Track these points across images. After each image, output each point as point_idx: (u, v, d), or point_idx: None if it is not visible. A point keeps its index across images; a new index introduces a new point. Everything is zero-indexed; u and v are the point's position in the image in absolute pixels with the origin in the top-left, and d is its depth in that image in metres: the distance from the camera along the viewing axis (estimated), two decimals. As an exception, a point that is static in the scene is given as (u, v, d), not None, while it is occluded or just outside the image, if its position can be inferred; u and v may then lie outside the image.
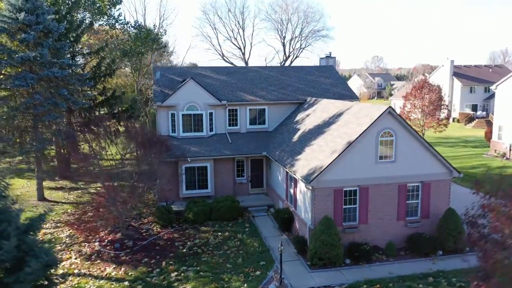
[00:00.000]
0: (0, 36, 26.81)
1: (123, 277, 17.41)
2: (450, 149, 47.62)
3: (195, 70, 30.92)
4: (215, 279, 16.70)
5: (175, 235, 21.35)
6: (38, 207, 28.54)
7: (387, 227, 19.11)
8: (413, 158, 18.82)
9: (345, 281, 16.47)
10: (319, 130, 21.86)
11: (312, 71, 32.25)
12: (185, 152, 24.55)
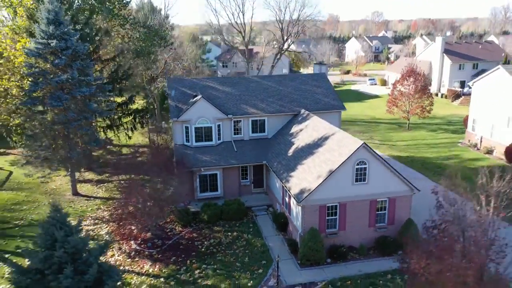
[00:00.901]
0: (36, 60, 30.96)
1: (158, 273, 23.06)
2: (431, 135, 52.58)
3: (203, 82, 35.15)
4: (228, 276, 22.36)
5: (194, 235, 26.88)
6: (74, 202, 33.97)
7: (360, 232, 24.58)
8: (382, 180, 23.94)
9: (325, 277, 22.13)
10: (309, 150, 26.78)
11: (306, 79, 36.61)
12: (198, 162, 29.61)
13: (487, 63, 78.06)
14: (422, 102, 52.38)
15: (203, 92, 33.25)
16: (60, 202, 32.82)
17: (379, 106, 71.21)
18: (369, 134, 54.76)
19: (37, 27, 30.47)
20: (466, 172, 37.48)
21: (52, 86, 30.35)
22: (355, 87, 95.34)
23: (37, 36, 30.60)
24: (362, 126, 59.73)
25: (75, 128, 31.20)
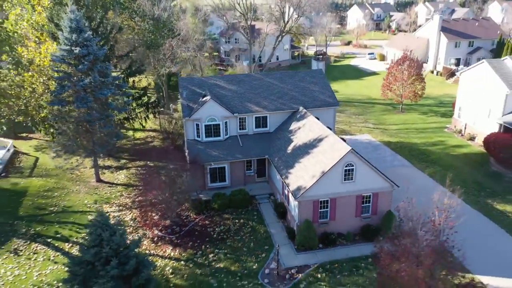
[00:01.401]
0: (61, 65, 34.45)
1: (178, 257, 27.77)
2: (422, 118, 56.34)
3: (211, 80, 38.67)
4: (237, 260, 27.05)
5: (206, 222, 31.45)
6: (99, 188, 38.40)
7: (348, 221, 29.05)
8: (367, 179, 28.13)
9: (317, 261, 26.79)
10: (305, 150, 30.82)
11: (305, 76, 40.04)
12: (209, 157, 33.78)
13: (483, 41, 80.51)
14: (415, 87, 55.68)
15: (211, 90, 36.91)
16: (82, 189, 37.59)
17: (376, 85, 74.22)
18: (364, 116, 58.51)
19: (61, 35, 33.73)
20: (447, 160, 41.85)
21: (77, 89, 33.99)
22: (354, 62, 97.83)
23: (61, 43, 33.96)
24: (358, 108, 63.37)
25: (98, 125, 35.12)
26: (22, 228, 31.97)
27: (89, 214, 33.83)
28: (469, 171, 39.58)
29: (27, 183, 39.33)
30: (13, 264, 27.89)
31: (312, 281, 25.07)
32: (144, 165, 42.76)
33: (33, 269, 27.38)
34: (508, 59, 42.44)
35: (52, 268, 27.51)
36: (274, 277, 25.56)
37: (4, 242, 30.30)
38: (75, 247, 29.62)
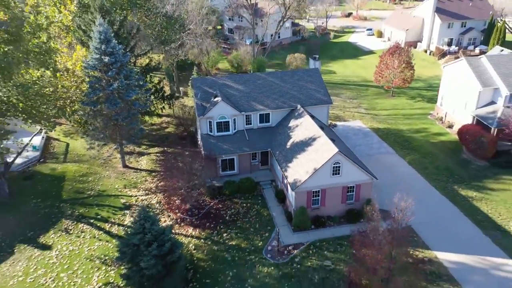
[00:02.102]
0: (92, 71, 40.03)
1: (199, 236, 34.71)
2: (409, 103, 62.02)
3: (221, 81, 44.24)
4: (246, 239, 33.98)
5: (219, 206, 38.20)
6: (125, 173, 44.93)
7: (335, 207, 35.74)
8: (351, 173, 34.52)
9: (309, 239, 33.68)
10: (301, 147, 36.97)
11: (303, 75, 45.54)
12: (221, 150, 40.09)
13: (475, 21, 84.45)
14: (404, 75, 60.93)
15: (221, 90, 42.66)
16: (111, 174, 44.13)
17: (372, 65, 78.58)
18: (358, 100, 64.17)
19: (91, 45, 39.11)
20: (427, 147, 48.13)
21: (106, 92, 39.77)
22: (353, 39, 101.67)
23: (91, 52, 39.38)
24: (353, 91, 68.86)
25: (125, 123, 41.20)
26: (67, 210, 38.85)
27: (121, 197, 40.64)
28: (443, 158, 45.92)
29: (63, 168, 45.92)
30: (66, 241, 34.95)
31: (305, 256, 32.08)
32: (162, 151, 49.17)
33: (83, 245, 34.45)
34: (484, 58, 47.65)
35: (98, 244, 34.56)
36: (275, 252, 32.57)
37: (56, 222, 37.26)
38: (113, 227, 36.58)
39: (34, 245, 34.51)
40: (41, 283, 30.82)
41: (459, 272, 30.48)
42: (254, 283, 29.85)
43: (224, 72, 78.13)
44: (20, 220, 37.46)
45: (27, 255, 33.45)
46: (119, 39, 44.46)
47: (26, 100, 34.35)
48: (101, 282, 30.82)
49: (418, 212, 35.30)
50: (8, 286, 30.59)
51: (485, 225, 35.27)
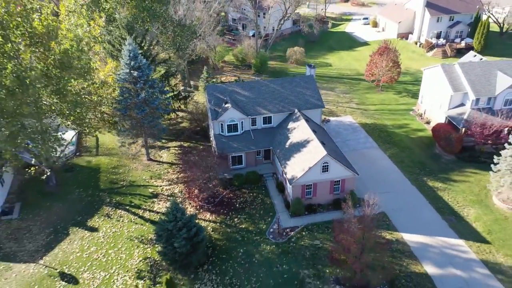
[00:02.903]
0: (123, 83, 47.72)
1: (215, 220, 43.46)
2: (395, 99, 69.65)
3: (230, 87, 51.91)
4: (253, 223, 42.74)
5: (231, 195, 46.79)
6: (150, 166, 53.34)
7: (324, 196, 44.30)
8: (337, 171, 42.87)
9: (303, 223, 42.43)
10: (297, 148, 45.14)
11: (300, 82, 53.15)
12: (231, 149, 48.34)
13: (462, 15, 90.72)
14: (391, 73, 68.30)
15: (231, 96, 50.47)
16: (138, 167, 52.46)
17: (365, 57, 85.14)
18: (350, 95, 71.82)
19: (122, 61, 46.72)
20: (406, 142, 56.22)
21: (136, 100, 47.66)
22: (350, 28, 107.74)
23: (122, 67, 47.00)
24: (346, 85, 76.33)
25: (150, 125, 49.30)
26: (106, 198, 47.53)
27: (148, 187, 49.23)
28: (418, 152, 54.18)
29: (97, 161, 54.35)
30: (109, 224, 43.78)
31: (299, 237, 40.89)
32: (179, 145, 57.43)
33: (123, 228, 43.29)
34: (456, 65, 55.01)
35: (135, 227, 43.39)
36: (275, 234, 41.38)
37: (98, 209, 46.01)
38: (145, 213, 45.27)
39: (84, 228, 43.39)
40: (94, 257, 39.80)
41: (419, 250, 39.32)
42: (260, 258, 38.79)
43: (230, 65, 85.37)
44: (68, 207, 46.21)
45: (80, 236, 42.37)
46: (141, 49, 51.98)
47: (75, 112, 42.30)
48: (141, 257, 39.78)
49: (392, 200, 44.45)
50: (69, 260, 39.59)
51: (444, 211, 43.91)
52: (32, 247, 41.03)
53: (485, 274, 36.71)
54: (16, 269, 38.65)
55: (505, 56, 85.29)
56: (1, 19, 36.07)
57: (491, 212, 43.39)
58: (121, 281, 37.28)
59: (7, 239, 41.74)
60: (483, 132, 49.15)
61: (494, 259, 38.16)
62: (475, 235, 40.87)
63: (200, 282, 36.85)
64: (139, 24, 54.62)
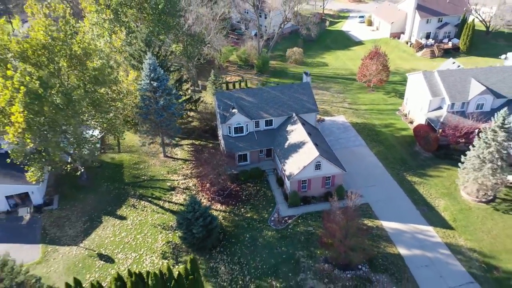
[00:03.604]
0: (144, 92, 55.15)
1: (225, 210, 51.51)
2: (384, 99, 76.97)
3: (236, 94, 59.32)
4: (256, 212, 50.80)
5: (237, 188, 54.72)
6: (167, 162, 61.18)
7: (317, 189, 52.23)
8: (328, 168, 50.69)
9: (299, 212, 50.45)
10: (294, 148, 52.88)
11: (297, 89, 60.52)
12: (238, 148, 56.10)
13: (450, 17, 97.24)
14: (381, 76, 75.50)
15: (237, 102, 57.96)
16: (156, 163, 60.31)
17: (359, 57, 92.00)
18: (344, 95, 79.12)
19: (143, 73, 54.09)
20: (391, 140, 63.87)
21: (155, 107, 55.21)
22: (346, 27, 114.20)
23: (143, 78, 54.40)
24: (341, 85, 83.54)
25: (167, 128, 57.00)
26: (131, 191, 55.52)
27: (166, 181, 57.14)
28: (400, 150, 61.87)
29: (119, 157, 62.18)
30: (135, 213, 51.85)
31: (296, 224, 48.94)
32: (191, 143, 65.15)
33: (147, 216, 51.37)
34: (436, 73, 62.23)
35: (157, 216, 51.45)
36: (276, 222, 49.43)
37: (125, 200, 54.02)
38: (165, 203, 53.25)
39: (114, 216, 51.49)
40: (126, 241, 47.98)
41: (394, 235, 47.39)
42: (263, 242, 46.92)
43: (234, 65, 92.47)
44: (99, 199, 54.25)
45: (112, 223, 50.49)
46: (157, 59, 59.27)
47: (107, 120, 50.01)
48: (164, 241, 47.92)
49: (375, 193, 52.34)
50: (105, 243, 47.77)
51: (419, 202, 51.85)
52: (73, 232, 49.21)
53: (447, 254, 44.83)
54: (61, 251, 46.87)
55: (489, 56, 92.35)
56: (48, 45, 43.42)
57: (458, 203, 51.34)
58: (149, 261, 45.48)
59: (51, 226, 49.90)
60: (455, 134, 56.72)
61: (456, 242, 46.26)
62: (442, 222, 48.89)
63: (214, 261, 45.03)
64: (156, 37, 61.70)
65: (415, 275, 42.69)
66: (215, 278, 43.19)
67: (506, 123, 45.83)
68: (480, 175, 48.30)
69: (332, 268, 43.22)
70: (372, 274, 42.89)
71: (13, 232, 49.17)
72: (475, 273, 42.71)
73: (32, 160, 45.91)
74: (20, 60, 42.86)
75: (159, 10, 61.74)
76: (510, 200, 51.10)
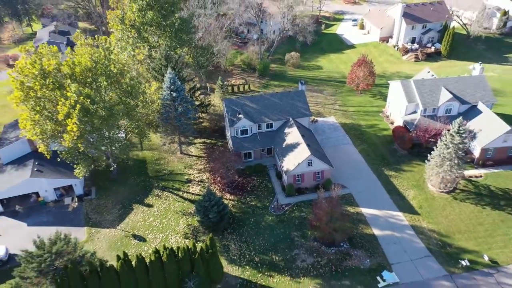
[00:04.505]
0: (165, 101, 65.82)
1: (233, 199, 62.78)
2: (370, 101, 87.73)
3: (241, 101, 70.11)
4: (260, 201, 62.12)
5: (243, 181, 65.91)
6: (183, 158, 72.32)
7: (310, 182, 63.42)
8: (318, 165, 61.80)
9: (294, 201, 61.76)
10: (291, 148, 63.93)
11: (294, 96, 71.31)
12: (244, 148, 67.20)
13: (434, 23, 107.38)
14: (367, 81, 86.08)
15: (242, 108, 68.79)
16: (174, 159, 71.54)
17: (351, 60, 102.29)
18: (335, 97, 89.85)
19: (164, 84, 64.87)
20: (373, 139, 74.98)
21: (175, 114, 66.09)
22: (340, 30, 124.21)
23: (164, 89, 65.15)
24: (333, 87, 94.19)
25: (184, 130, 68.03)
26: (155, 183, 66.75)
27: (184, 175, 68.33)
28: (381, 148, 72.93)
29: (143, 154, 73.27)
30: (160, 202, 63.18)
31: (291, 210, 60.29)
32: (203, 142, 76.19)
33: (170, 204, 62.70)
34: (411, 82, 72.90)
35: (178, 204, 62.76)
36: (275, 208, 60.79)
37: (150, 191, 65.28)
38: (184, 194, 64.53)
39: (142, 204, 62.81)
40: (154, 224, 59.36)
41: (371, 219, 58.74)
42: (265, 225, 58.31)
43: (238, 68, 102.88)
44: (129, 190, 65.51)
45: (141, 210, 61.84)
46: (174, 71, 69.99)
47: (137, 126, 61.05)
48: (185, 224, 59.31)
49: (358, 185, 63.58)
50: (137, 226, 59.17)
51: (392, 192, 63.10)
52: (110, 217, 60.60)
53: (412, 234, 56.26)
54: (102, 232, 58.30)
55: (467, 59, 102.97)
56: (92, 68, 54.16)
57: (424, 193, 62.64)
58: (174, 240, 56.94)
59: (92, 212, 61.29)
60: (425, 135, 67.70)
61: (420, 225, 57.67)
62: (410, 209, 60.24)
63: (226, 240, 56.45)
64: (173, 51, 72.24)
65: (385, 250, 54.20)
66: (227, 253, 54.67)
67: (461, 129, 56.77)
68: (441, 171, 59.45)
69: (320, 245, 54.70)
70: (351, 249, 54.37)
71: (61, 217, 60.59)
72: (432, 249, 54.21)
73: (80, 160, 56.96)
74: (69, 79, 53.59)
75: (175, 28, 72.17)
76: (467, 191, 62.35)
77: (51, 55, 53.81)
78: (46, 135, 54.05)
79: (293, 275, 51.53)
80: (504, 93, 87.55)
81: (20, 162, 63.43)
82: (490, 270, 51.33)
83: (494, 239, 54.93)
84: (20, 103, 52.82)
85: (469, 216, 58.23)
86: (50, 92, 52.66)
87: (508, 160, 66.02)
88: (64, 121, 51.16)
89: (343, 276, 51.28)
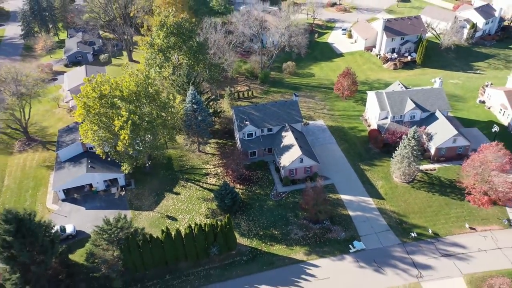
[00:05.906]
0: (187, 112, 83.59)
1: (242, 188, 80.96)
2: (353, 106, 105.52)
3: (247, 110, 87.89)
4: (262, 190, 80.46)
5: (250, 174, 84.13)
6: (201, 156, 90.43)
7: (301, 175, 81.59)
8: (308, 161, 79.90)
9: (289, 190, 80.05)
10: (287, 148, 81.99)
11: (289, 105, 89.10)
12: (249, 148, 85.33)
13: (411, 36, 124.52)
14: (351, 89, 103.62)
15: (248, 116, 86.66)
16: (193, 156, 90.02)
17: (339, 68, 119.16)
18: (324, 102, 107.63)
19: (187, 98, 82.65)
20: (353, 139, 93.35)
21: (196, 122, 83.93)
22: (331, 39, 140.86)
23: (187, 102, 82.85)
24: (322, 93, 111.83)
25: (202, 133, 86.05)
26: (180, 176, 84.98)
27: (202, 169, 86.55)
28: (359, 146, 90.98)
29: (168, 152, 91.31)
30: (185, 191, 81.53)
31: (287, 197, 78.64)
32: (216, 142, 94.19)
33: (193, 193, 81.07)
34: (383, 93, 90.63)
35: (200, 192, 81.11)
36: (274, 195, 79.21)
37: (177, 182, 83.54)
38: (204, 184, 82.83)
39: (172, 193, 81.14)
40: (182, 208, 77.73)
41: (347, 203, 77.18)
42: (267, 208, 76.71)
43: (242, 76, 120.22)
44: (160, 181, 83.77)
45: (171, 197, 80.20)
46: (194, 86, 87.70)
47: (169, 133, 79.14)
48: (205, 207, 77.74)
49: (339, 177, 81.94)
50: (169, 209, 77.58)
51: (365, 182, 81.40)
52: (148, 203, 78.98)
53: (377, 214, 74.80)
54: (143, 214, 76.76)
55: (439, 68, 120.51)
56: (136, 91, 71.95)
57: (390, 183, 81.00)
58: (198, 219, 75.41)
59: (134, 199, 79.65)
60: (392, 137, 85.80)
61: (384, 207, 76.19)
62: (378, 195, 78.67)
63: (237, 219, 74.86)
64: (192, 69, 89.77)
65: (356, 226, 72.82)
66: (239, 228, 73.23)
67: (415, 135, 74.83)
68: (401, 166, 77.75)
69: (308, 223, 73.30)
70: (331, 226, 72.98)
71: (110, 203, 78.98)
72: (392, 225, 72.84)
73: (125, 159, 75.17)
74: (119, 100, 71.42)
75: (193, 50, 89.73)
76: (423, 181, 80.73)
77: (104, 81, 71.49)
78: (101, 141, 72.07)
79: (288, 244, 70.19)
80: (465, 99, 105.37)
81: (75, 160, 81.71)
82: (432, 240, 70.04)
83: (438, 217, 73.53)
84: (83, 118, 70.74)
85: (422, 201, 76.75)
86: (105, 109, 70.51)
87: (456, 156, 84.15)
88: (118, 132, 69.12)
89: (324, 245, 69.95)
